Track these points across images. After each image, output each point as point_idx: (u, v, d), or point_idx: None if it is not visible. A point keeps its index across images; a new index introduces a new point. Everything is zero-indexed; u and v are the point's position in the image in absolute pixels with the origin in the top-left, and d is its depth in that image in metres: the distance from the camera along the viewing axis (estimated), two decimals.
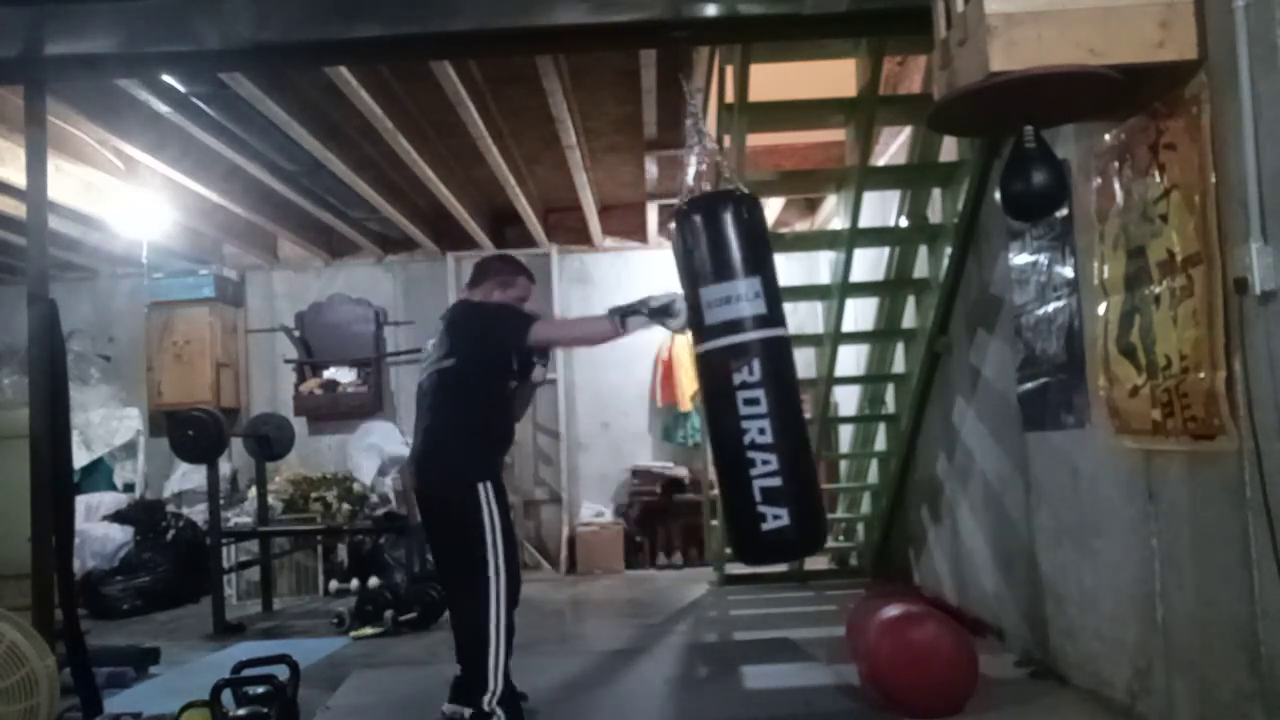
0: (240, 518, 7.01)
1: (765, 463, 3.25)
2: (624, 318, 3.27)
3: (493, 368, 3.39)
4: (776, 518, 3.25)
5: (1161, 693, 2.92)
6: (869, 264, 5.54)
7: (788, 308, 3.59)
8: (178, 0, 3.39)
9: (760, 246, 3.42)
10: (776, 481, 3.23)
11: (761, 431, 3.26)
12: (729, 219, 3.36)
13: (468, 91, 4.78)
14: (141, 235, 6.71)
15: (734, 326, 3.31)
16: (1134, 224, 2.86)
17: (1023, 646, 4.02)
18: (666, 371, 7.98)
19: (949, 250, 4.62)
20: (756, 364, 3.29)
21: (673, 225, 3.52)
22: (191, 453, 6.01)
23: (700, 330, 3.38)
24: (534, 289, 3.63)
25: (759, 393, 3.27)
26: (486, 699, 3.20)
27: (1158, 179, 2.70)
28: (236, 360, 8.30)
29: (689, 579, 6.65)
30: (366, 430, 7.78)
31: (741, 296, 3.33)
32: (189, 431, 5.87)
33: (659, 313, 3.27)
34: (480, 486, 3.26)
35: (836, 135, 5.25)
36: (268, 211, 6.99)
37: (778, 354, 3.38)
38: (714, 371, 3.38)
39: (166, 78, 4.54)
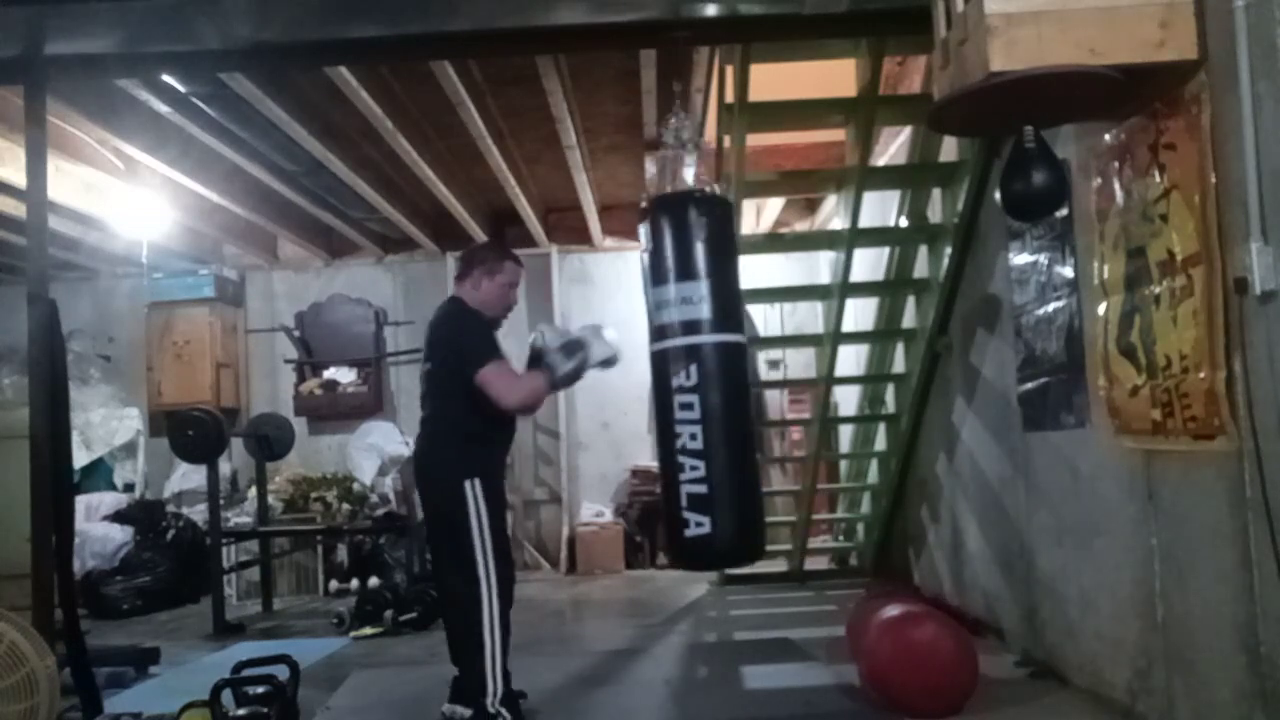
0: (240, 518, 7.01)
1: (693, 469, 3.26)
2: (569, 379, 3.38)
3: (463, 372, 3.35)
4: (699, 525, 3.26)
5: (1161, 693, 2.92)
6: (869, 264, 5.54)
7: (787, 308, 3.60)
8: (178, 0, 3.39)
9: (716, 250, 3.44)
10: (703, 489, 3.25)
11: (693, 437, 3.27)
12: (688, 221, 3.38)
13: (468, 91, 4.78)
14: (141, 235, 6.71)
15: (675, 329, 3.33)
16: (1134, 224, 2.86)
17: (1023, 646, 4.02)
18: None
19: (949, 250, 4.62)
20: (695, 369, 3.30)
21: (640, 229, 3.55)
22: (191, 453, 6.01)
23: (651, 330, 3.40)
24: (522, 272, 3.61)
25: (694, 397, 3.28)
26: (489, 700, 3.21)
27: (1158, 179, 2.70)
28: (236, 360, 8.30)
29: (689, 579, 6.65)
30: (366, 430, 7.79)
31: (687, 299, 3.34)
32: (189, 431, 5.87)
33: (603, 365, 3.39)
34: (467, 484, 3.27)
35: (836, 135, 5.25)
36: (268, 211, 6.99)
37: (725, 360, 3.37)
38: (659, 373, 3.39)
39: (166, 77, 4.54)
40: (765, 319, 7.81)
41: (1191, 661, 2.75)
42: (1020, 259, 3.89)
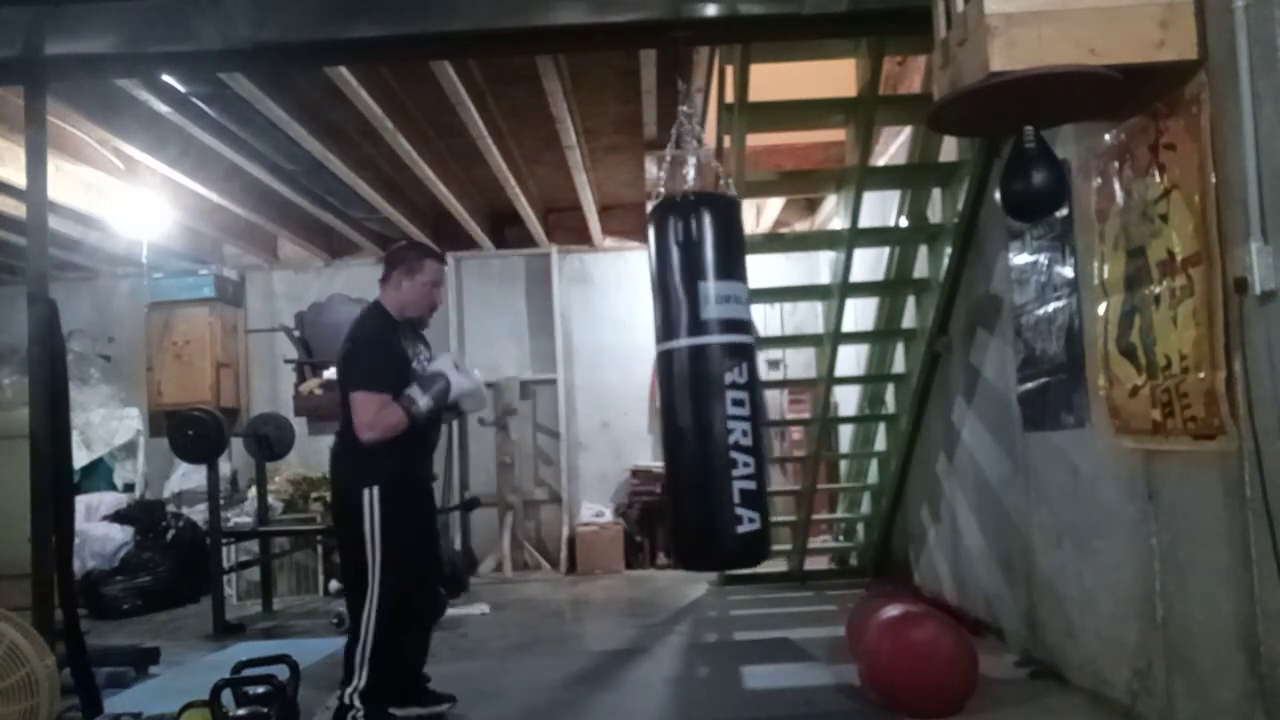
0: (240, 518, 7.01)
1: (746, 465, 3.32)
2: (428, 410, 3.39)
3: (347, 383, 3.45)
4: (751, 520, 3.34)
5: (1161, 693, 2.92)
6: (869, 264, 5.54)
7: (787, 308, 3.61)
8: (178, 0, 3.39)
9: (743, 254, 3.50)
10: (753, 485, 3.35)
11: (745, 434, 3.36)
12: (735, 221, 3.44)
13: (468, 91, 4.78)
14: (141, 235, 6.71)
15: (736, 326, 3.35)
16: (1134, 224, 2.86)
17: (1023, 646, 4.02)
18: None
19: (949, 250, 4.63)
20: (747, 366, 3.38)
21: (668, 214, 3.52)
22: (191, 453, 6.01)
23: (695, 323, 3.42)
24: (443, 270, 3.64)
25: (745, 394, 3.38)
26: (348, 690, 3.31)
27: (1158, 179, 2.70)
28: (236, 360, 8.30)
29: (689, 579, 6.65)
30: None
31: (742, 299, 3.39)
32: (189, 431, 5.86)
33: (455, 407, 3.52)
34: (365, 492, 3.31)
35: (836, 135, 5.25)
36: (268, 211, 6.99)
37: (755, 362, 3.48)
38: (702, 366, 3.42)
39: (166, 78, 4.54)
40: (765, 319, 7.82)
41: (1191, 661, 2.75)
42: (1020, 259, 3.89)
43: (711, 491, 3.35)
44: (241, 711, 3.20)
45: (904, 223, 5.16)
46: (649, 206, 7.42)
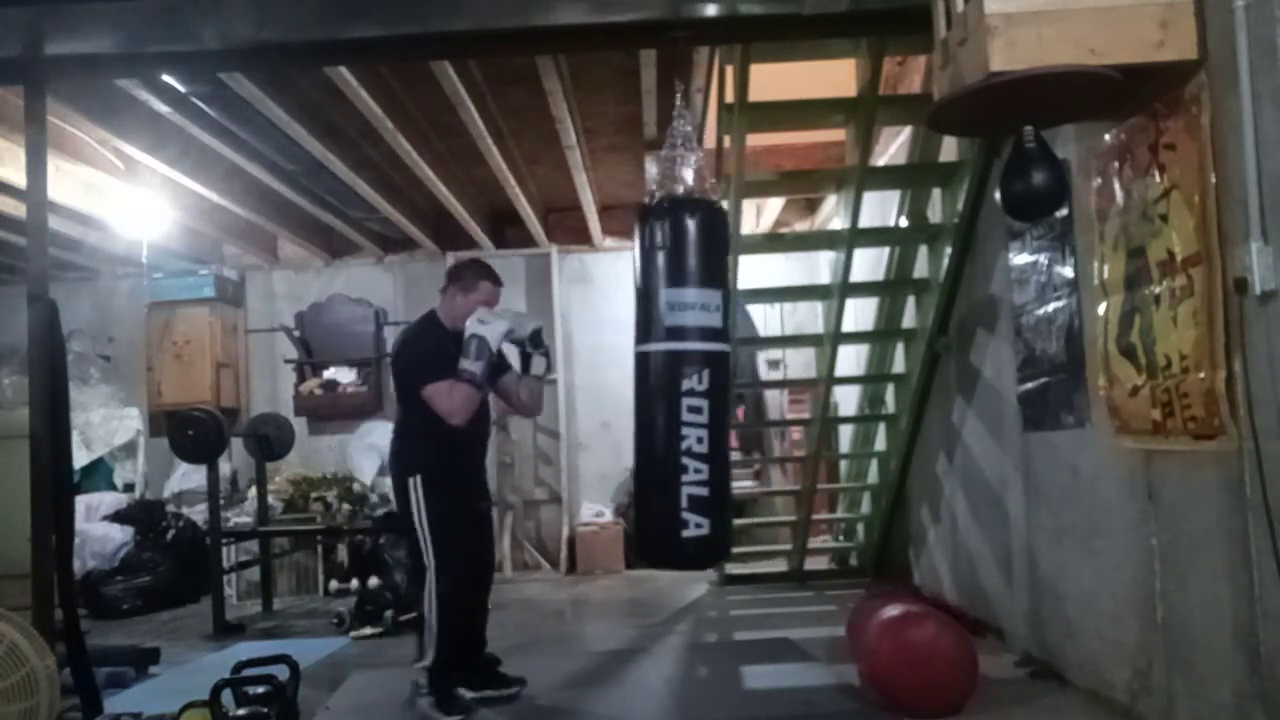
0: (240, 518, 7.00)
1: (698, 471, 3.35)
2: (491, 377, 3.65)
3: (411, 382, 3.67)
4: (699, 526, 3.38)
5: (1161, 693, 2.92)
6: (869, 264, 5.54)
7: (787, 308, 3.61)
8: (177, 0, 3.39)
9: (724, 261, 3.53)
10: (704, 491, 3.36)
11: (699, 440, 3.38)
12: (713, 227, 3.44)
13: (468, 91, 4.78)
14: (141, 235, 6.70)
15: (695, 333, 3.39)
16: (1134, 224, 2.86)
17: (1023, 646, 4.02)
18: None
19: (949, 250, 4.63)
20: (706, 374, 3.39)
21: (648, 217, 3.53)
22: (191, 453, 6.01)
23: (655, 329, 3.45)
24: (499, 292, 3.83)
25: (703, 402, 3.39)
26: (418, 666, 3.64)
27: (1158, 179, 2.70)
28: (236, 360, 8.30)
29: (689, 579, 6.64)
30: (366, 430, 7.79)
31: (708, 306, 3.41)
32: (189, 431, 5.86)
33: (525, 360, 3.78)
34: (410, 480, 3.59)
35: (836, 135, 5.25)
36: (268, 211, 6.99)
37: (722, 369, 3.48)
38: (661, 372, 3.45)
39: (166, 78, 4.54)
40: (765, 319, 7.82)
41: (1191, 661, 2.75)
42: (1020, 259, 3.89)
43: (662, 494, 3.40)
44: (241, 711, 3.21)
45: (904, 223, 5.16)
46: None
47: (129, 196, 6.12)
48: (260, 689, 3.30)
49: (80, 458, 7.42)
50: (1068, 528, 3.57)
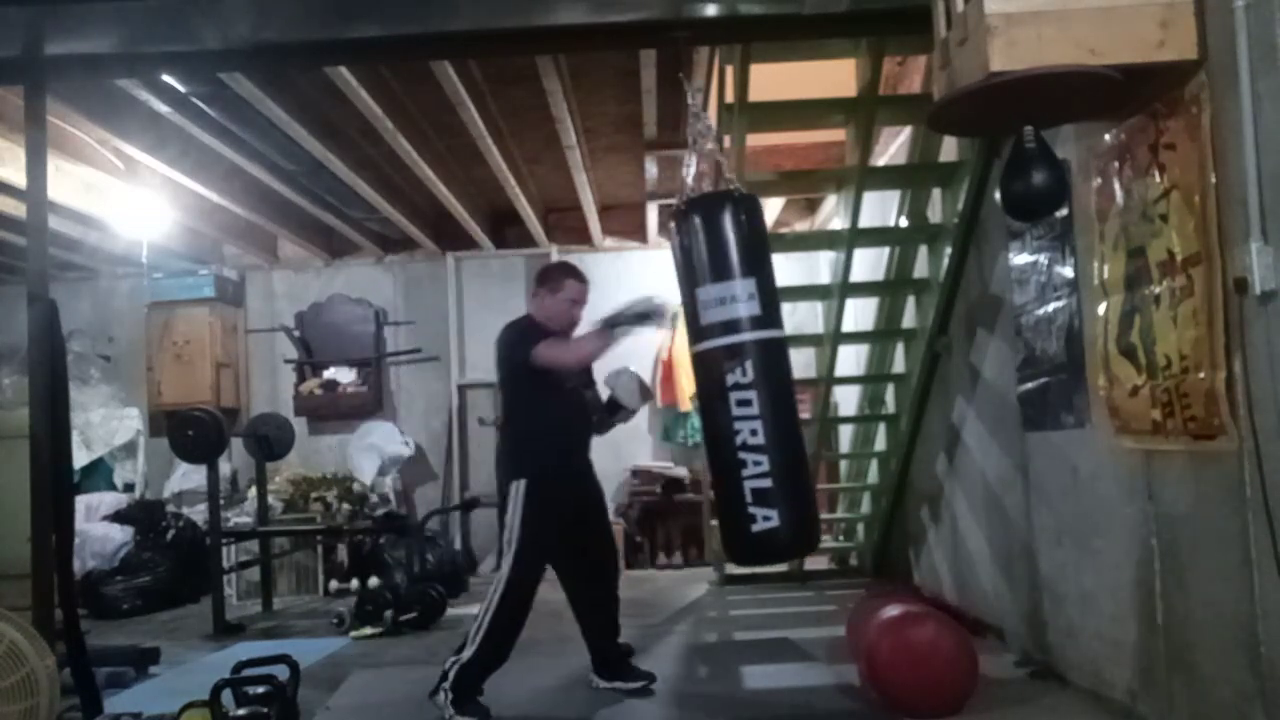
0: (240, 518, 7.01)
1: (756, 464, 3.29)
2: (612, 327, 3.58)
3: (518, 382, 3.74)
4: (766, 519, 3.28)
5: (1162, 693, 2.92)
6: (869, 264, 5.54)
7: (787, 308, 3.61)
8: (178, 0, 3.39)
9: (758, 248, 3.44)
10: (767, 483, 3.27)
11: (753, 433, 3.30)
12: (727, 220, 3.38)
13: (468, 91, 4.78)
14: (141, 235, 6.70)
15: (729, 327, 3.34)
16: (1134, 224, 2.86)
17: (1023, 646, 4.02)
18: (666, 372, 7.97)
19: (949, 250, 4.62)
20: (750, 365, 3.33)
21: (672, 225, 3.55)
22: (191, 453, 6.01)
23: (696, 330, 3.41)
24: (585, 288, 3.88)
25: (752, 394, 3.31)
26: (453, 659, 3.58)
27: (1158, 179, 2.70)
28: (236, 360, 8.30)
29: (689, 579, 6.65)
30: (366, 430, 7.79)
31: (737, 297, 3.36)
32: (189, 431, 5.87)
33: (641, 317, 3.55)
34: (513, 485, 3.62)
35: (836, 135, 5.25)
36: (268, 211, 6.99)
37: (772, 356, 3.41)
38: (709, 372, 3.40)
39: (166, 78, 4.54)
40: None
41: (1192, 662, 2.75)
42: (1020, 259, 3.89)
43: (728, 492, 3.39)
44: (241, 711, 3.20)
45: (904, 223, 5.16)
46: (649, 206, 7.48)
47: (129, 196, 6.13)
48: (260, 689, 3.30)
49: (80, 458, 7.43)
50: (1068, 528, 3.57)
